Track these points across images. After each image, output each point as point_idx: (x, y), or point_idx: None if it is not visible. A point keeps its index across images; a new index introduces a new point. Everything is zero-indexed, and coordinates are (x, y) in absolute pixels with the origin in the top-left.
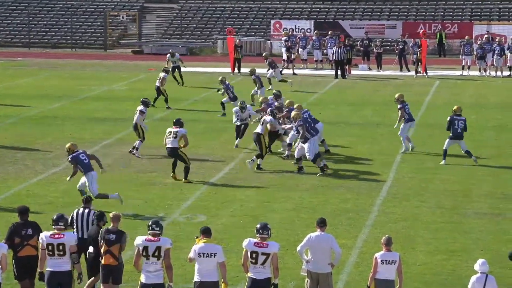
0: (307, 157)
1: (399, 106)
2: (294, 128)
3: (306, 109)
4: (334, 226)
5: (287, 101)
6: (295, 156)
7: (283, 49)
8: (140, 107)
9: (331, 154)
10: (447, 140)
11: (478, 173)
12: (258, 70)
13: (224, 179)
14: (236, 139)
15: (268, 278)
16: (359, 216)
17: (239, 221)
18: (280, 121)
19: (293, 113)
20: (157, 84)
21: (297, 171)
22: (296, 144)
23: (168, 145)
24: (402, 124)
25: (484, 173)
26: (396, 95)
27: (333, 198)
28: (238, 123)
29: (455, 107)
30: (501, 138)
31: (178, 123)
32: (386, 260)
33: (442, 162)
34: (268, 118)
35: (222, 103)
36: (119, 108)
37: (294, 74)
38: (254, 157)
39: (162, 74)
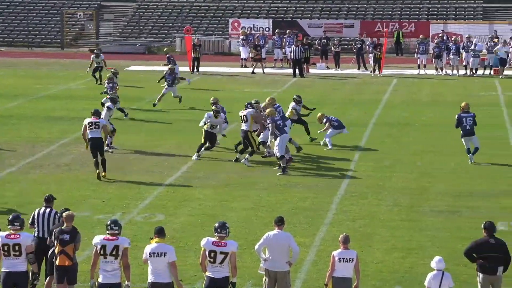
0: (276, 153)
1: (324, 121)
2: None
3: (278, 104)
4: (292, 225)
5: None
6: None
7: (241, 48)
8: (108, 104)
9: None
10: (462, 139)
11: (435, 172)
12: (214, 69)
13: (182, 178)
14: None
15: (226, 277)
16: (317, 215)
17: (197, 220)
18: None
19: (267, 111)
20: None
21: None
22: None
23: (92, 136)
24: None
25: (440, 171)
26: (318, 115)
27: (291, 197)
28: (206, 128)
29: (462, 104)
30: (457, 136)
31: (97, 113)
32: (343, 258)
33: (469, 160)
34: (247, 111)
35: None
36: (76, 107)
37: (253, 73)
38: (248, 155)
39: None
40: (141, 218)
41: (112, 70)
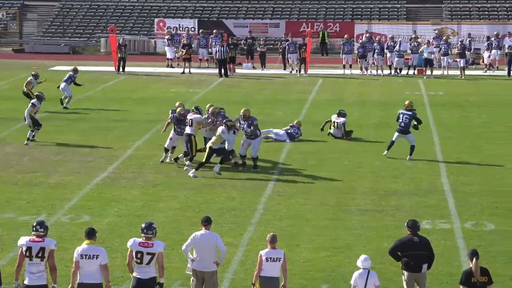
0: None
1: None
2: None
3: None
4: (220, 225)
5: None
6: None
7: (167, 48)
8: (33, 100)
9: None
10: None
11: (360, 170)
12: (140, 69)
13: (109, 179)
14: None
15: (154, 277)
16: (245, 214)
17: (124, 221)
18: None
19: (211, 109)
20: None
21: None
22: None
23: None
24: None
25: (365, 170)
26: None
27: (218, 197)
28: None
29: (406, 102)
30: (381, 135)
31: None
32: (270, 258)
33: (384, 152)
34: (194, 116)
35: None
36: (0, 108)
37: (183, 73)
38: (188, 161)
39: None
40: (67, 219)
41: (32, 73)
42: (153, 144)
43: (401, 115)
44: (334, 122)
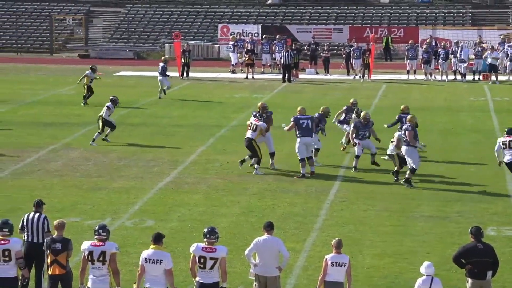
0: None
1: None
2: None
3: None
4: (283, 230)
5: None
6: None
7: (231, 54)
8: (108, 104)
9: (279, 157)
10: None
11: (424, 175)
12: (204, 75)
13: (172, 184)
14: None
15: (217, 282)
16: (307, 220)
17: (187, 226)
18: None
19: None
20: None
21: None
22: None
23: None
24: None
25: (430, 175)
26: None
27: (281, 202)
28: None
29: (402, 106)
30: (447, 142)
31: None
32: (336, 262)
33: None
34: (261, 123)
35: None
36: (65, 113)
37: (247, 78)
38: (256, 164)
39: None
40: (131, 223)
41: (91, 66)
42: (216, 149)
43: (404, 119)
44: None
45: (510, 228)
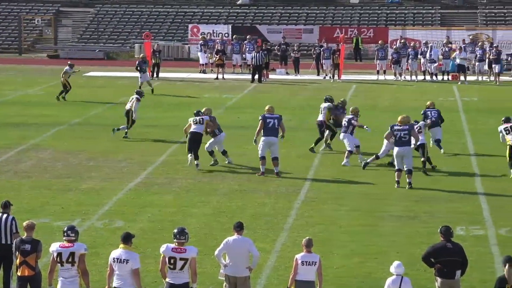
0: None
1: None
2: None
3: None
4: (253, 230)
5: (203, 109)
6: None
7: (200, 54)
8: (136, 96)
9: (249, 157)
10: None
11: (394, 176)
12: (174, 75)
13: (142, 184)
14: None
15: (186, 283)
16: (277, 220)
17: (157, 226)
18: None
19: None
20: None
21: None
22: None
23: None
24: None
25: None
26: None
27: (251, 203)
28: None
29: (428, 103)
30: None
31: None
32: (306, 262)
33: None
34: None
35: None
36: (34, 113)
37: (217, 78)
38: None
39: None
40: (101, 224)
41: (68, 62)
42: (186, 150)
43: (429, 112)
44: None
45: (479, 228)
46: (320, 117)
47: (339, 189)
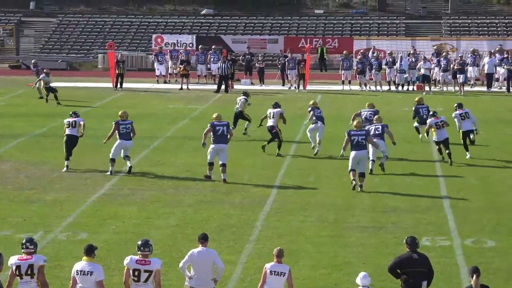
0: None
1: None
2: None
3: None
4: (218, 242)
5: (120, 112)
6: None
7: (156, 64)
8: (244, 96)
9: (215, 168)
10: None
11: (358, 188)
12: (138, 85)
13: (106, 196)
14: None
15: None
16: (243, 232)
17: (121, 238)
18: None
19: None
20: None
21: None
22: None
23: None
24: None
25: (364, 187)
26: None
27: (216, 214)
28: None
29: (417, 98)
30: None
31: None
32: (275, 271)
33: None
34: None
35: None
36: None
37: (181, 89)
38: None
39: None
40: (64, 236)
41: (44, 70)
42: (150, 161)
43: (420, 109)
44: (270, 113)
45: (444, 238)
46: (271, 122)
47: (305, 199)
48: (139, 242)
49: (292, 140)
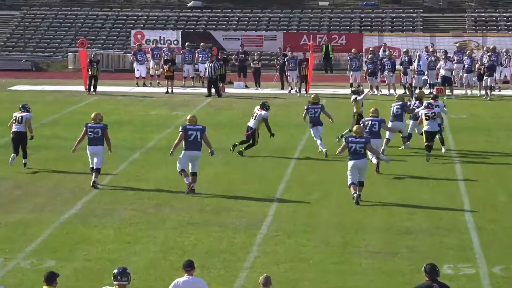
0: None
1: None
2: None
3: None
4: (207, 270)
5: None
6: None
7: (136, 64)
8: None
9: (202, 183)
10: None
11: (370, 205)
12: (115, 89)
13: (78, 216)
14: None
15: None
16: (236, 258)
17: (94, 266)
18: None
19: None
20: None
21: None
22: None
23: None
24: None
25: (376, 205)
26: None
27: (205, 237)
28: None
29: (417, 91)
30: (395, 165)
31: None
32: None
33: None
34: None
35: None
36: None
37: (167, 92)
38: None
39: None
40: (28, 264)
41: None
42: (129, 176)
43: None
44: (254, 113)
45: (469, 266)
46: (251, 124)
47: (308, 219)
48: (115, 271)
49: (293, 151)
